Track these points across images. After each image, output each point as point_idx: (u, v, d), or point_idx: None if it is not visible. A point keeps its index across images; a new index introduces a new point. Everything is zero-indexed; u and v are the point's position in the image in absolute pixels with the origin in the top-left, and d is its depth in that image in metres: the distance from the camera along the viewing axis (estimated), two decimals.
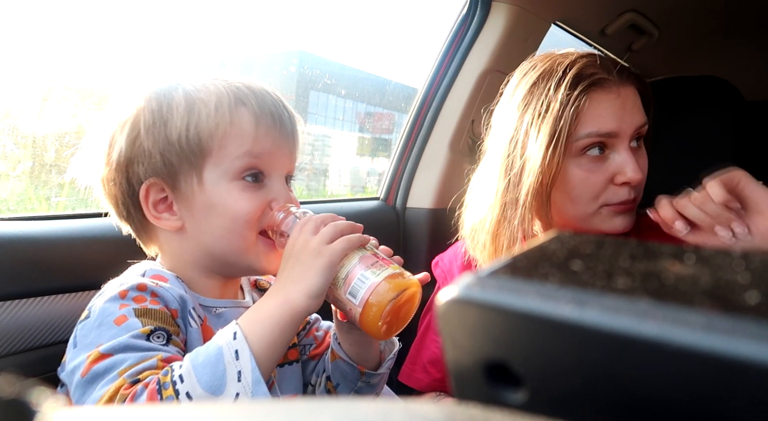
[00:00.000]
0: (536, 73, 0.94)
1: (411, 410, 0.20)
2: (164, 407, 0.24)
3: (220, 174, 0.72)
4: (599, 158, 0.90)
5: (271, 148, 0.74)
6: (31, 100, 1.16)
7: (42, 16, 1.19)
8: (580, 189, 0.91)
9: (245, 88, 0.74)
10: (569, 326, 0.21)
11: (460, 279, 0.24)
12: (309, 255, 0.67)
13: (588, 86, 0.88)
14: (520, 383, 0.23)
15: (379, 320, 0.66)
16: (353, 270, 0.67)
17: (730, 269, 0.23)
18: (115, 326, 0.63)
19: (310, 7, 2.30)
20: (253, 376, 0.59)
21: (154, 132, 0.71)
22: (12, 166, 1.10)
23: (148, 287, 0.68)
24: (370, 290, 0.66)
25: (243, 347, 0.60)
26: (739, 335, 0.18)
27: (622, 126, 0.89)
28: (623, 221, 0.92)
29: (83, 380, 0.60)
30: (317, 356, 0.90)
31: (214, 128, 0.71)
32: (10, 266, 0.81)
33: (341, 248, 0.67)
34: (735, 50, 2.02)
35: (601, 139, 0.89)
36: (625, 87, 0.91)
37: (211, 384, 0.58)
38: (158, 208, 0.74)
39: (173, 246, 0.77)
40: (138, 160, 0.72)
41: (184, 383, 0.57)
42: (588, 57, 0.92)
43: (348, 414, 0.20)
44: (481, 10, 1.55)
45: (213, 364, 0.59)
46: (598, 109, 0.89)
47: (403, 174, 1.62)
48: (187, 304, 0.71)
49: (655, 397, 0.20)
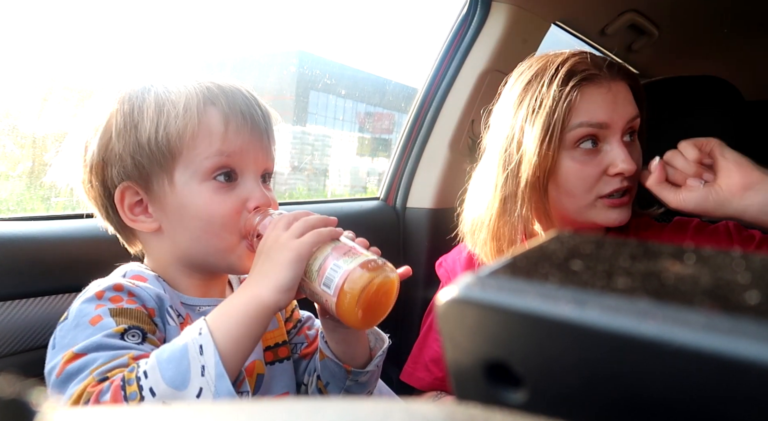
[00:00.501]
0: (531, 72, 0.97)
1: (411, 410, 0.20)
2: (166, 408, 0.24)
3: (190, 175, 0.72)
4: (592, 151, 0.93)
5: (242, 147, 0.74)
6: (31, 100, 1.16)
7: (42, 16, 1.19)
8: (575, 181, 0.93)
9: (215, 88, 0.75)
10: (569, 325, 0.21)
11: (460, 279, 0.24)
12: (278, 250, 0.66)
13: (580, 81, 0.91)
14: (520, 383, 0.23)
15: (355, 306, 0.65)
16: (326, 261, 0.67)
17: (730, 269, 0.23)
18: (90, 326, 0.63)
19: (310, 7, 2.30)
20: (217, 370, 0.59)
21: (125, 136, 0.72)
22: (12, 166, 1.10)
23: (125, 286, 0.69)
24: (343, 277, 0.65)
25: (208, 342, 0.60)
26: (739, 335, 0.18)
27: (614, 117, 0.91)
28: (618, 215, 0.94)
29: (58, 380, 0.60)
30: (309, 354, 0.90)
31: (182, 129, 0.71)
32: (10, 266, 0.81)
33: (310, 241, 0.67)
34: (735, 50, 2.02)
35: (593, 131, 0.92)
36: (616, 82, 0.94)
37: (174, 380, 0.57)
38: (134, 211, 0.75)
39: (153, 247, 0.78)
40: (111, 164, 0.73)
41: (148, 379, 0.57)
42: (580, 55, 0.95)
43: (348, 414, 0.20)
44: (481, 10, 1.55)
45: (177, 359, 0.59)
46: (590, 102, 0.91)
47: (403, 174, 1.62)
48: (165, 303, 0.72)
49: (655, 397, 0.20)
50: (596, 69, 0.93)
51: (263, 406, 0.21)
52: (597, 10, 1.68)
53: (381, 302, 0.69)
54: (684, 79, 1.37)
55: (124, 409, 0.21)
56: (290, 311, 0.93)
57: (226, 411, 0.21)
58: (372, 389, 0.88)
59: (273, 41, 2.10)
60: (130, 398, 0.56)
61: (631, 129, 0.95)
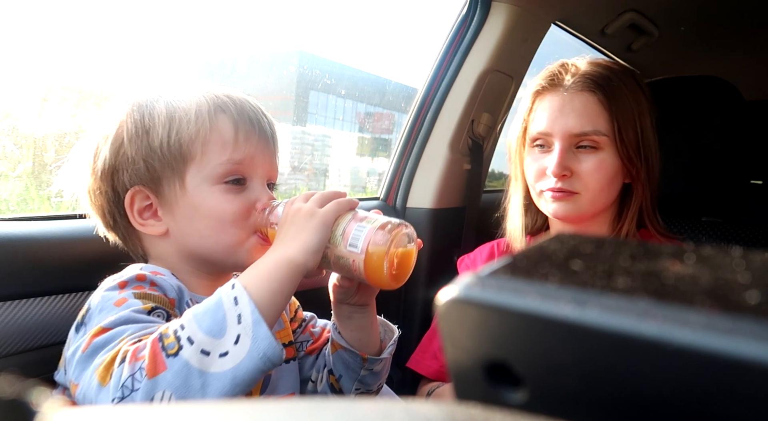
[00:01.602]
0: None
1: (411, 410, 0.20)
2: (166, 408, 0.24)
3: (202, 178, 0.75)
4: (542, 153, 1.09)
5: (251, 154, 0.77)
6: (31, 100, 1.16)
7: (41, 16, 1.19)
8: (529, 175, 1.12)
9: (224, 97, 0.78)
10: (569, 325, 0.21)
11: (460, 279, 0.24)
12: (303, 217, 0.70)
13: (539, 92, 1.10)
14: (520, 382, 0.23)
15: (384, 261, 0.69)
16: (348, 225, 0.70)
17: (730, 269, 0.23)
18: (116, 307, 0.65)
19: (310, 7, 2.30)
20: (253, 317, 0.60)
21: (136, 141, 0.75)
22: (12, 167, 1.10)
23: (147, 277, 0.70)
24: (369, 235, 0.69)
25: (241, 293, 0.61)
26: (739, 335, 0.18)
27: (554, 128, 1.06)
28: (558, 208, 1.07)
29: (84, 354, 0.61)
30: (315, 350, 0.92)
31: (194, 135, 0.74)
32: (10, 266, 0.81)
33: (333, 208, 0.71)
34: (735, 50, 2.02)
35: (541, 137, 1.09)
36: (576, 94, 1.05)
37: (212, 329, 0.59)
38: (143, 215, 0.77)
39: (158, 250, 0.80)
40: (122, 168, 0.75)
41: (185, 330, 0.58)
42: (559, 67, 1.10)
43: (348, 414, 0.20)
44: (480, 10, 1.55)
45: (213, 311, 0.60)
46: (540, 112, 1.09)
47: (403, 174, 1.62)
48: (185, 295, 0.74)
49: (655, 396, 0.20)
50: (557, 80, 1.08)
51: (263, 406, 0.21)
52: (597, 10, 1.68)
53: (405, 258, 0.73)
54: (684, 79, 1.37)
55: (124, 409, 0.21)
56: (294, 311, 0.94)
57: (226, 411, 0.21)
58: (382, 383, 0.90)
59: (273, 41, 2.10)
60: (168, 348, 0.57)
61: (582, 142, 1.05)
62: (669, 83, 1.38)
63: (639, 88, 1.08)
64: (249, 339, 0.59)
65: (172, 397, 0.56)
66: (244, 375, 0.58)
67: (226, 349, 0.58)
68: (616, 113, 1.03)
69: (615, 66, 1.11)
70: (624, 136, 1.04)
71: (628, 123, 1.04)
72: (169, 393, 0.56)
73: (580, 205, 1.06)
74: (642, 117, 1.06)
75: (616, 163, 1.05)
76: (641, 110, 1.06)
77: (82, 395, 0.59)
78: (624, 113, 1.04)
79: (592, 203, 1.06)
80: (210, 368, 0.57)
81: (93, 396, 0.58)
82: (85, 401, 0.59)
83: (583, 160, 1.05)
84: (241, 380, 0.58)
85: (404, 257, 0.72)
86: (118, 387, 0.56)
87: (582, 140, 1.05)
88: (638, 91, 1.08)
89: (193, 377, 0.56)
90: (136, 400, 0.55)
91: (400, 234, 0.71)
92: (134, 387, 0.55)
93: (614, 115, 1.03)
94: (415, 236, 0.75)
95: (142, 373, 0.56)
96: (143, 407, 0.22)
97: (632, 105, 1.05)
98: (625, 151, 1.04)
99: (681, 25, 1.81)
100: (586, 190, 1.05)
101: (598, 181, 1.04)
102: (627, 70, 1.11)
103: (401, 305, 1.52)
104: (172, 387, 0.56)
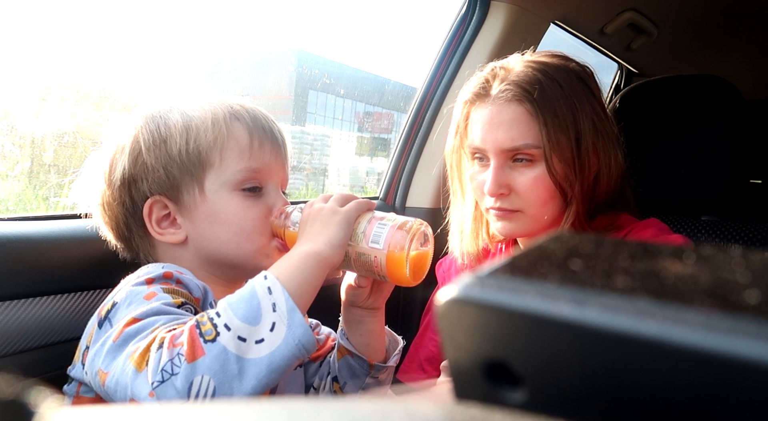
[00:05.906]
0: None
1: (410, 410, 0.20)
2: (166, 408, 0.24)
3: (221, 184, 0.77)
4: (481, 168, 0.99)
5: (266, 162, 0.80)
6: (30, 100, 1.16)
7: (41, 16, 1.19)
8: (474, 191, 1.02)
9: (237, 106, 0.80)
10: (569, 325, 0.21)
11: (460, 279, 0.24)
12: (326, 215, 0.72)
13: (471, 101, 0.99)
14: (520, 382, 0.23)
15: (405, 258, 0.71)
16: (369, 224, 0.73)
17: (730, 269, 0.23)
18: (145, 300, 0.65)
19: (309, 7, 2.30)
20: (288, 305, 0.61)
21: (154, 149, 0.76)
22: (11, 166, 1.10)
23: (174, 275, 0.71)
24: (391, 231, 0.72)
25: (275, 283, 0.63)
26: (739, 335, 0.18)
27: (486, 143, 0.96)
28: (503, 227, 0.98)
29: (115, 344, 0.61)
30: (319, 357, 0.92)
31: (212, 141, 0.76)
32: (10, 266, 0.81)
33: (354, 207, 0.74)
34: (735, 50, 2.02)
35: (476, 151, 0.98)
36: (504, 105, 0.94)
37: (248, 316, 0.60)
38: (161, 225, 0.78)
39: (176, 258, 0.80)
40: (141, 177, 0.77)
41: (221, 317, 0.60)
42: (488, 73, 0.99)
43: (348, 414, 0.20)
44: (479, 9, 1.55)
45: (247, 299, 0.61)
46: (473, 123, 0.98)
47: (403, 173, 1.62)
48: (209, 295, 0.75)
49: (655, 396, 0.20)
50: (483, 92, 0.97)
51: (263, 406, 0.21)
52: (596, 9, 1.68)
53: (423, 256, 0.76)
54: (683, 79, 1.37)
55: (124, 409, 0.21)
56: None
57: (226, 411, 0.21)
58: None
59: (272, 41, 2.10)
60: (206, 334, 0.58)
61: (520, 156, 0.94)
62: (668, 82, 1.38)
63: (578, 82, 0.96)
64: (284, 326, 0.60)
65: (210, 382, 0.57)
66: (279, 361, 0.59)
67: (261, 336, 0.59)
68: (546, 122, 0.92)
69: (550, 60, 0.98)
70: (555, 149, 0.92)
71: (561, 131, 0.92)
72: (207, 378, 0.57)
73: (525, 222, 0.97)
74: (580, 118, 0.94)
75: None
76: (580, 110, 0.94)
77: (115, 382, 0.60)
78: (556, 120, 0.92)
79: (536, 220, 0.97)
80: (247, 353, 0.58)
81: (128, 382, 0.58)
82: (118, 387, 0.60)
83: (520, 175, 0.94)
84: (277, 367, 0.59)
85: (423, 255, 0.75)
86: (158, 371, 0.57)
87: (517, 154, 0.94)
88: (576, 86, 0.95)
89: (230, 362, 0.57)
90: (176, 384, 0.56)
91: (419, 233, 0.73)
92: (173, 371, 0.56)
93: (543, 125, 0.92)
94: (431, 235, 0.76)
95: (180, 358, 0.57)
96: (143, 408, 0.22)
97: (567, 107, 0.93)
98: (557, 166, 0.93)
99: (680, 24, 1.81)
100: (528, 206, 0.95)
101: (539, 196, 0.94)
102: (562, 66, 0.97)
103: (398, 306, 1.52)
104: (211, 371, 0.57)
